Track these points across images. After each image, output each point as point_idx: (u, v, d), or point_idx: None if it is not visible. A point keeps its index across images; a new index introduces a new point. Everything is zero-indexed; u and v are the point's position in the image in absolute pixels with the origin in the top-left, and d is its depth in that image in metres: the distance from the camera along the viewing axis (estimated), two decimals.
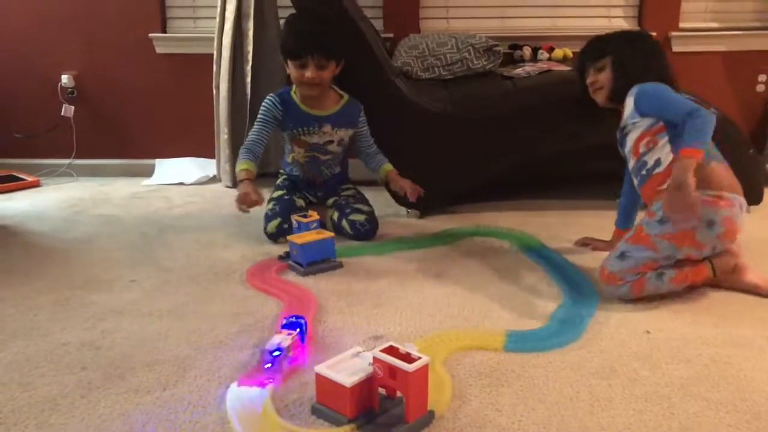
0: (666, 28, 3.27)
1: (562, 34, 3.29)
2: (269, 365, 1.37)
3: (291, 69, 2.26)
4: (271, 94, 2.36)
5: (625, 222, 2.11)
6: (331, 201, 2.50)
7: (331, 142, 2.39)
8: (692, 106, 1.67)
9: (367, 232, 2.37)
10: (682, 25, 3.31)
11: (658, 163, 1.80)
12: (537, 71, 2.76)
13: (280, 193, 2.45)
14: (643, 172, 1.85)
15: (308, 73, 2.20)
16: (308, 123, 2.35)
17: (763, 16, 3.34)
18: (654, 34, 3.21)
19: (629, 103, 1.86)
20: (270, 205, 2.39)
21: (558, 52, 3.14)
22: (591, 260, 2.09)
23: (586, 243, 2.20)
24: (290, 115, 2.35)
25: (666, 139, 1.79)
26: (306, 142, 2.38)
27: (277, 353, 1.38)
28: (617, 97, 1.93)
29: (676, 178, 1.60)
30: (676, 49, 3.26)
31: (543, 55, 3.13)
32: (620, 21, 3.35)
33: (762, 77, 3.34)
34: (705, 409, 1.26)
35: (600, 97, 1.98)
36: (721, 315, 1.70)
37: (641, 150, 1.84)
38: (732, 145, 2.25)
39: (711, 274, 1.80)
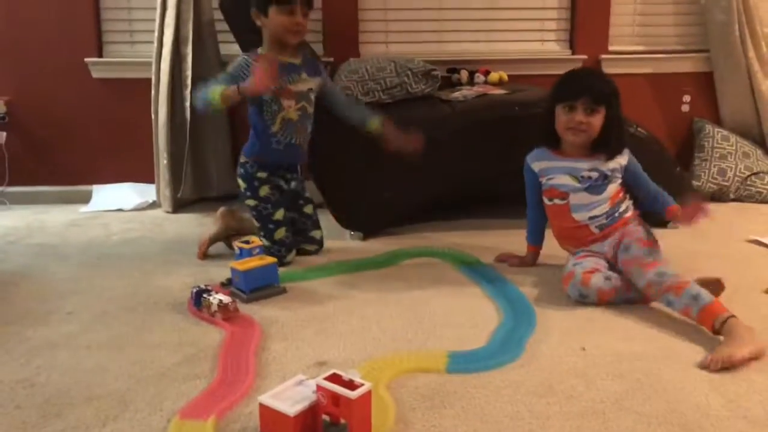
0: (596, 51, 3.40)
1: (497, 58, 3.37)
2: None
3: (276, 16, 2.24)
4: (245, 55, 2.33)
5: (537, 239, 2.31)
6: (291, 214, 2.45)
7: (312, 90, 2.43)
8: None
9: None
10: (611, 47, 3.44)
11: (627, 209, 2.10)
12: (473, 95, 2.82)
13: (281, 213, 2.39)
14: (615, 215, 2.07)
15: (298, 18, 2.25)
16: (293, 70, 2.35)
17: (684, 39, 3.50)
18: (585, 57, 3.39)
19: (621, 160, 2.11)
20: (283, 232, 2.37)
21: (494, 76, 3.22)
22: (526, 274, 2.17)
23: (503, 260, 2.36)
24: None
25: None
26: (294, 91, 2.36)
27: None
28: (597, 147, 2.09)
29: (699, 205, 1.99)
30: (606, 70, 3.39)
31: (479, 78, 3.21)
32: (553, 44, 3.47)
33: (686, 98, 3.50)
34: (637, 423, 1.31)
35: (580, 138, 2.07)
36: (654, 328, 1.77)
37: (618, 200, 2.09)
38: (660, 164, 2.39)
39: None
